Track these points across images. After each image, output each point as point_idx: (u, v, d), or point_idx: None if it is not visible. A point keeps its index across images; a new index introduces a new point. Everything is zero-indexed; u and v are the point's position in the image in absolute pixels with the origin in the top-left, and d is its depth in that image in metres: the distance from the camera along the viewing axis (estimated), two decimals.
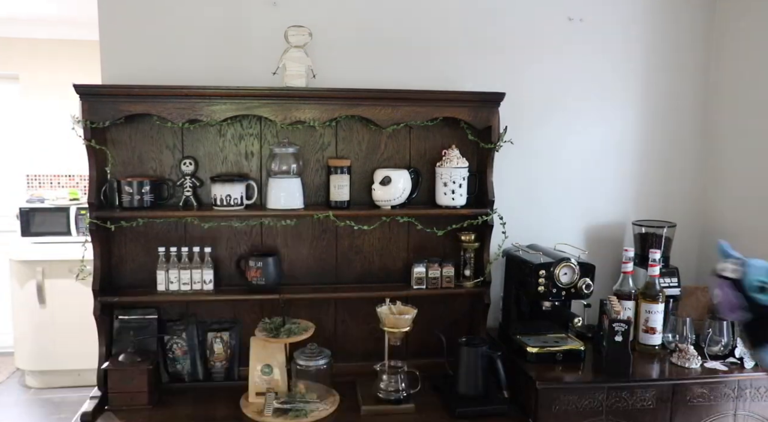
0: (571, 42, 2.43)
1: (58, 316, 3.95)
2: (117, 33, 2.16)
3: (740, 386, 2.03)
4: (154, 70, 2.17)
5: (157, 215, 2.14)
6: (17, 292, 3.97)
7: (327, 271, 2.32)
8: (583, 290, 2.11)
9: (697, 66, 2.54)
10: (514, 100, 2.28)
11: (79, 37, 4.45)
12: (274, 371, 2.04)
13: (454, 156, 2.21)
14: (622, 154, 2.53)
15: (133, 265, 2.22)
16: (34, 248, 3.96)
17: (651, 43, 2.49)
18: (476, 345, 2.07)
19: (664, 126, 2.53)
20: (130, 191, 2.06)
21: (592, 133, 2.50)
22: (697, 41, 2.53)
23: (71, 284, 3.63)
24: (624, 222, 2.55)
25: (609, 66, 2.47)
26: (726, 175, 2.49)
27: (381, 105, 2.12)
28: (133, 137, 2.16)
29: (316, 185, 2.27)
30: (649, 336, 2.18)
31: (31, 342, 3.99)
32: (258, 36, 2.22)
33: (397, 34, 2.31)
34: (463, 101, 2.16)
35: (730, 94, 2.46)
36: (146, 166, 2.19)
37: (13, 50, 4.60)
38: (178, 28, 2.19)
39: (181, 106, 2.03)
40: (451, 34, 2.35)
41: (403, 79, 2.30)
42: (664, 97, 2.52)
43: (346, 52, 2.28)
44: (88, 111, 1.99)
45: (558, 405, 1.95)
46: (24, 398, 3.97)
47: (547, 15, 2.41)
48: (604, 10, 2.44)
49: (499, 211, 2.21)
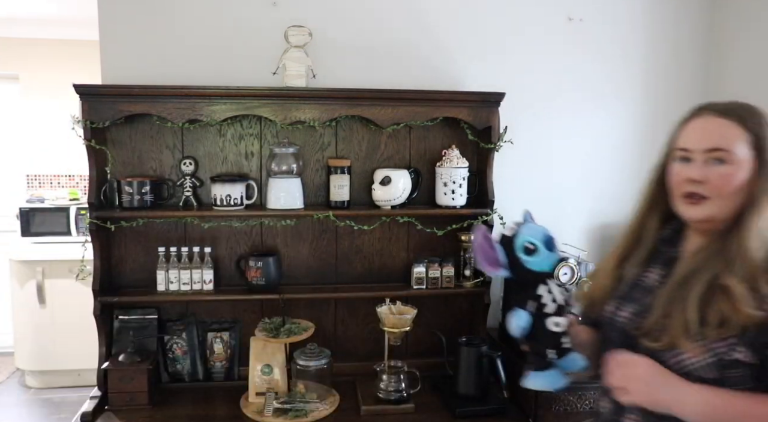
0: (571, 42, 2.43)
1: (58, 316, 3.95)
2: (117, 33, 2.16)
3: None
4: (153, 70, 2.17)
5: (157, 215, 2.14)
6: (17, 292, 3.97)
7: (327, 271, 2.32)
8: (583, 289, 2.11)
9: (696, 66, 2.54)
10: (514, 101, 2.28)
11: (80, 37, 4.45)
12: (274, 371, 2.04)
13: (454, 156, 2.21)
14: (622, 153, 2.53)
15: (133, 265, 2.22)
16: (34, 248, 3.96)
17: (651, 43, 2.49)
18: (476, 345, 2.08)
19: (664, 125, 2.50)
20: (130, 191, 2.06)
21: (592, 132, 2.50)
22: (697, 41, 2.53)
23: (71, 284, 3.62)
24: (624, 222, 2.55)
25: (609, 66, 2.48)
26: None
27: (381, 105, 2.13)
28: (133, 137, 2.16)
29: (316, 185, 2.27)
30: None
31: (31, 342, 3.99)
32: (258, 36, 2.22)
33: (397, 34, 2.31)
34: (463, 101, 2.17)
35: (729, 93, 2.45)
36: (146, 166, 2.19)
37: (13, 50, 4.60)
38: (178, 28, 2.19)
39: (181, 106, 2.03)
40: (452, 34, 2.35)
41: (403, 79, 2.30)
42: (664, 96, 2.52)
43: (346, 52, 2.28)
44: (88, 111, 1.99)
45: (557, 405, 1.96)
46: (24, 398, 3.97)
47: (547, 15, 2.41)
48: (604, 10, 2.44)
49: (499, 211, 2.21)
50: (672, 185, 1.20)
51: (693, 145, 1.15)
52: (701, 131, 1.15)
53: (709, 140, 1.13)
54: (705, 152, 1.13)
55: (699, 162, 1.14)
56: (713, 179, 1.12)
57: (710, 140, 1.13)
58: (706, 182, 1.12)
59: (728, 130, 1.13)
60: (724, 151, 1.11)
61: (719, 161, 1.11)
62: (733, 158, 1.11)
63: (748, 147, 1.12)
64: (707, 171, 1.12)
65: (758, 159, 1.12)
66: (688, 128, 1.19)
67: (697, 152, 1.14)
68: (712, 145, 1.12)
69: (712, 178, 1.12)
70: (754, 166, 1.12)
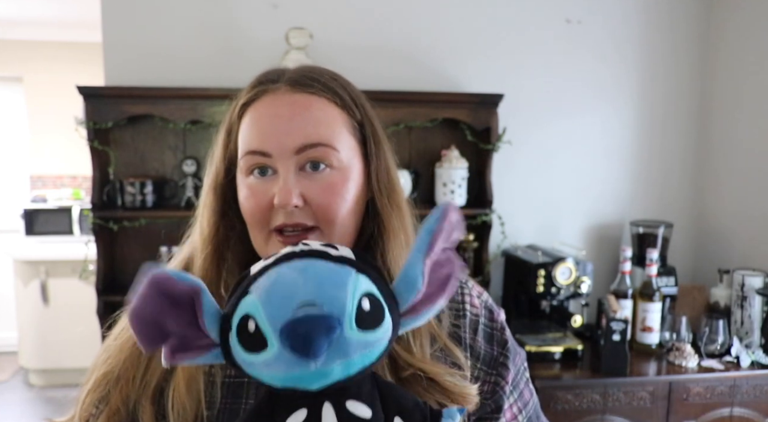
0: (569, 44, 2.45)
1: (61, 315, 3.97)
2: (120, 35, 2.19)
3: (736, 384, 2.04)
4: (156, 71, 2.19)
5: (159, 216, 2.16)
6: (21, 291, 4.00)
7: None
8: (581, 289, 2.13)
9: (694, 68, 2.55)
10: (513, 102, 2.30)
11: (83, 40, 4.48)
12: None
13: (454, 157, 2.23)
14: (619, 154, 2.54)
15: (136, 264, 2.24)
16: (38, 247, 3.99)
17: (648, 45, 2.51)
18: None
19: (661, 127, 2.55)
20: (133, 191, 2.09)
21: (590, 134, 2.51)
22: (694, 43, 2.54)
23: (74, 283, 3.65)
24: (622, 222, 2.57)
25: (607, 67, 2.49)
26: (722, 176, 2.50)
27: (381, 106, 2.13)
28: (136, 138, 2.19)
29: None
30: (646, 335, 2.19)
31: (34, 340, 4.02)
32: (259, 38, 2.24)
33: (396, 36, 2.33)
34: (462, 102, 2.18)
35: (726, 95, 2.48)
36: (148, 166, 2.21)
37: (17, 52, 4.63)
38: (180, 29, 2.21)
39: (182, 107, 2.05)
40: (451, 35, 2.37)
41: (403, 80, 2.32)
42: (661, 98, 2.54)
43: (346, 54, 2.30)
44: (92, 112, 2.02)
45: (556, 404, 1.97)
46: (28, 396, 4.00)
47: (546, 17, 2.43)
48: (603, 12, 2.46)
49: (498, 211, 2.23)
50: (247, 218, 0.70)
51: (271, 144, 0.67)
52: (278, 120, 0.68)
53: (297, 133, 0.67)
54: (294, 153, 0.67)
55: (289, 173, 0.67)
56: (315, 195, 0.68)
57: (298, 133, 0.67)
58: (308, 202, 0.67)
59: (322, 112, 0.69)
60: (324, 146, 0.68)
61: (316, 166, 0.68)
62: (339, 158, 0.69)
63: (351, 135, 0.72)
64: (304, 185, 0.67)
65: (365, 152, 0.73)
66: (255, 116, 0.70)
67: (281, 157, 0.67)
68: (303, 140, 0.67)
69: (314, 194, 0.68)
70: (364, 163, 0.73)
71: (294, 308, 0.48)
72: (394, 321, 0.52)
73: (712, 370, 2.04)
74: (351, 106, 0.73)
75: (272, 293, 0.49)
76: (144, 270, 0.50)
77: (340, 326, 0.48)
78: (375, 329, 0.50)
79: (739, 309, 2.19)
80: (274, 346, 0.48)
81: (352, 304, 0.49)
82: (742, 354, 2.09)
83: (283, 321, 0.47)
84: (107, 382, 0.70)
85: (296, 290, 0.49)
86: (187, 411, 0.66)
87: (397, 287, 0.54)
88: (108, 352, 0.73)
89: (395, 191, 0.75)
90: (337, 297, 0.49)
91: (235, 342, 0.50)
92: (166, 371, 0.67)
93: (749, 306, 2.16)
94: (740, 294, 2.18)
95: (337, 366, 0.48)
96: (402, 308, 0.54)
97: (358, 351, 0.49)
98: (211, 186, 0.74)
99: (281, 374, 0.48)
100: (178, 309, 0.51)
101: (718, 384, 2.02)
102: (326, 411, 0.50)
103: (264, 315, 0.48)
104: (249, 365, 0.50)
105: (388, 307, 0.52)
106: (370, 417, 0.52)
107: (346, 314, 0.48)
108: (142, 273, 0.50)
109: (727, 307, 2.26)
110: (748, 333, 2.17)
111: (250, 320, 0.49)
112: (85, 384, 0.72)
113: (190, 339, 0.52)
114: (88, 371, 0.74)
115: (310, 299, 0.48)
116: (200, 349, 0.52)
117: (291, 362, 0.47)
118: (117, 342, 0.72)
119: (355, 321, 0.49)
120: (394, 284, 0.55)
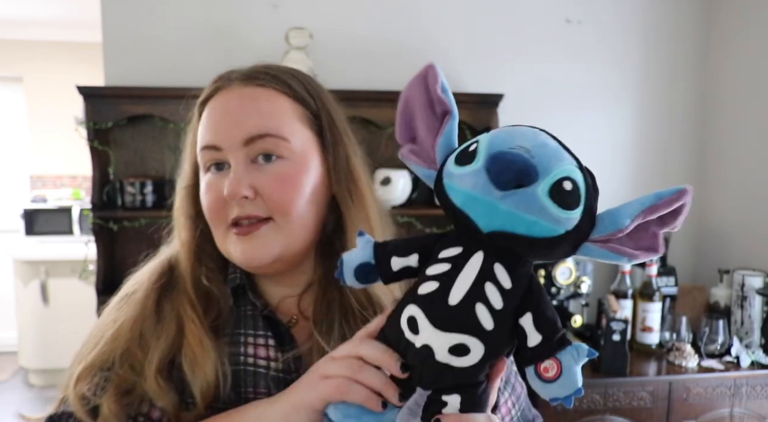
0: (569, 44, 2.45)
1: (61, 315, 3.97)
2: (120, 35, 2.19)
3: (736, 384, 2.04)
4: (156, 71, 2.19)
5: (159, 215, 2.15)
6: (21, 291, 4.00)
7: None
8: (581, 289, 2.13)
9: (694, 68, 2.55)
10: (513, 102, 2.30)
11: (83, 40, 4.48)
12: None
13: None
14: (619, 154, 2.54)
15: (136, 264, 2.23)
16: (38, 247, 3.99)
17: (649, 44, 2.51)
18: None
19: (661, 127, 2.55)
20: (133, 191, 2.09)
21: (590, 134, 2.51)
22: (694, 43, 2.54)
23: (74, 283, 3.65)
24: None
25: (607, 67, 2.49)
26: (722, 175, 2.50)
27: (381, 105, 2.14)
28: (136, 138, 2.19)
29: None
30: (646, 335, 2.20)
31: (34, 340, 4.02)
32: (259, 37, 2.24)
33: (396, 36, 2.33)
34: (462, 102, 2.15)
35: (726, 95, 2.48)
36: (148, 166, 2.21)
37: (17, 52, 4.63)
38: (180, 29, 2.21)
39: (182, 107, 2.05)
40: (451, 35, 2.37)
41: (403, 80, 2.29)
42: (661, 98, 2.54)
43: (347, 54, 2.30)
44: (92, 112, 2.02)
45: None
46: (28, 396, 4.00)
47: (546, 17, 2.43)
48: (603, 12, 2.46)
49: None
50: (206, 214, 0.74)
51: (220, 138, 0.71)
52: (228, 113, 0.72)
53: (245, 125, 0.70)
54: (243, 144, 0.70)
55: (239, 165, 0.70)
56: (266, 185, 0.69)
57: (246, 125, 0.70)
58: (259, 193, 0.69)
59: (269, 103, 0.72)
60: (272, 137, 0.70)
61: (268, 157, 0.70)
62: (290, 148, 0.71)
63: (306, 126, 0.74)
64: (255, 177, 0.69)
65: (322, 142, 0.75)
66: (208, 113, 0.75)
67: (231, 149, 0.70)
68: (250, 131, 0.70)
69: (265, 185, 0.69)
70: (323, 155, 0.74)
71: (513, 146, 0.53)
72: (580, 225, 0.53)
73: (712, 370, 2.04)
74: (304, 97, 0.74)
75: (503, 132, 0.56)
76: (359, 236, 0.60)
77: (537, 179, 0.51)
78: (562, 208, 0.52)
79: (739, 309, 2.19)
80: (479, 162, 0.53)
81: (557, 174, 0.52)
82: (742, 354, 2.09)
83: (499, 149, 0.53)
84: (109, 367, 0.72)
85: (524, 138, 0.54)
86: (207, 373, 0.68)
87: (602, 216, 0.55)
88: (96, 339, 0.77)
89: (356, 182, 0.75)
90: (550, 161, 0.53)
91: (453, 158, 0.56)
92: (171, 344, 0.71)
93: (749, 306, 2.16)
94: (740, 294, 2.18)
95: (511, 210, 0.51)
96: (594, 234, 0.54)
97: (534, 215, 0.51)
98: (182, 186, 0.80)
99: (468, 188, 0.53)
100: (430, 110, 0.59)
101: (718, 384, 2.02)
102: (475, 259, 0.55)
103: (487, 141, 0.55)
104: (449, 175, 0.55)
105: (584, 209, 0.53)
106: (507, 289, 0.55)
107: (549, 177, 0.52)
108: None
109: (727, 307, 2.26)
110: (748, 333, 2.17)
111: (474, 145, 0.55)
112: (75, 373, 0.74)
113: (423, 147, 0.59)
114: (75, 359, 0.78)
115: (529, 147, 0.53)
116: (424, 162, 0.59)
117: (481, 180, 0.52)
118: (109, 332, 0.75)
119: (550, 190, 0.51)
120: (599, 212, 0.55)
